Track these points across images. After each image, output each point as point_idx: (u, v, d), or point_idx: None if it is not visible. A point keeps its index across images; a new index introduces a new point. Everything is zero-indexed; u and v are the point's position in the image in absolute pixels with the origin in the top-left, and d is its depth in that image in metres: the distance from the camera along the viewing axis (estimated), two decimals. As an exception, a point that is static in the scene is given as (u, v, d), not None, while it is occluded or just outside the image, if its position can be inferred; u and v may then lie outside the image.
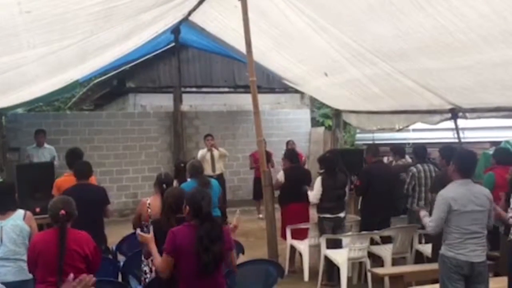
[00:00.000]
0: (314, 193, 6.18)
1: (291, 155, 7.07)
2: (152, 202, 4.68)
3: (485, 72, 5.02)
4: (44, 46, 4.60)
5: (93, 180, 5.56)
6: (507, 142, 6.23)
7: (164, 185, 4.58)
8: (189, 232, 3.31)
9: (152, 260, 4.32)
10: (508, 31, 4.05)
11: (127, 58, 9.12)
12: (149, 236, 3.54)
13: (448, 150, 5.60)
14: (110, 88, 12.93)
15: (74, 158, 5.87)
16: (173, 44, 9.93)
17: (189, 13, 7.24)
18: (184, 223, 3.45)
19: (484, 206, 3.87)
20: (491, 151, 6.27)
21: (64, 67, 6.25)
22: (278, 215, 6.33)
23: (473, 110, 6.35)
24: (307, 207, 6.69)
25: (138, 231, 3.82)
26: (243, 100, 11.94)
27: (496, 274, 4.82)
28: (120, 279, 4.80)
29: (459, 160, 3.99)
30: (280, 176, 6.70)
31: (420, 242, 6.29)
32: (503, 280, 4.28)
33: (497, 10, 3.83)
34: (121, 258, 5.31)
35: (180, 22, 7.91)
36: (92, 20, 4.56)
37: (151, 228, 3.97)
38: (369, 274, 5.72)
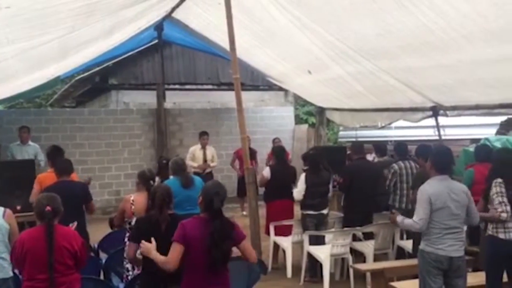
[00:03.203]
0: (298, 190, 6.20)
1: (279, 151, 7.08)
2: (137, 199, 4.63)
3: (466, 70, 5.08)
4: (24, 42, 4.54)
5: (74, 177, 5.51)
6: (487, 139, 6.31)
7: (152, 182, 4.57)
8: (199, 224, 3.28)
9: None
10: (488, 30, 4.10)
11: (110, 54, 9.03)
12: (151, 245, 3.39)
13: (423, 149, 5.73)
14: (92, 84, 12.80)
15: (56, 155, 5.81)
16: (156, 40, 9.87)
17: (172, 10, 7.20)
18: (194, 216, 3.42)
19: (462, 202, 3.92)
20: (471, 148, 6.36)
21: (45, 63, 6.16)
22: (262, 212, 6.34)
23: (454, 108, 6.46)
24: (292, 204, 6.72)
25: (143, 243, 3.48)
26: (227, 98, 11.92)
27: (475, 269, 4.90)
28: (102, 277, 4.77)
29: (435, 157, 4.05)
30: (265, 172, 6.71)
31: (401, 238, 6.38)
32: (482, 275, 4.36)
33: (478, 9, 3.89)
34: (103, 256, 5.27)
35: (164, 19, 7.86)
36: (73, 16, 4.51)
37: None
38: (351, 270, 5.77)
